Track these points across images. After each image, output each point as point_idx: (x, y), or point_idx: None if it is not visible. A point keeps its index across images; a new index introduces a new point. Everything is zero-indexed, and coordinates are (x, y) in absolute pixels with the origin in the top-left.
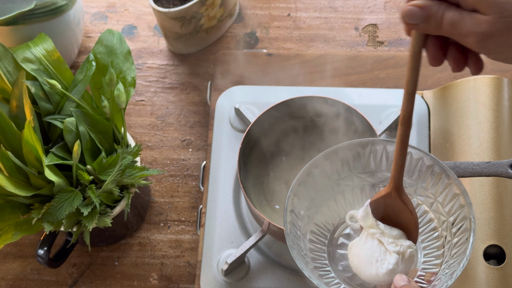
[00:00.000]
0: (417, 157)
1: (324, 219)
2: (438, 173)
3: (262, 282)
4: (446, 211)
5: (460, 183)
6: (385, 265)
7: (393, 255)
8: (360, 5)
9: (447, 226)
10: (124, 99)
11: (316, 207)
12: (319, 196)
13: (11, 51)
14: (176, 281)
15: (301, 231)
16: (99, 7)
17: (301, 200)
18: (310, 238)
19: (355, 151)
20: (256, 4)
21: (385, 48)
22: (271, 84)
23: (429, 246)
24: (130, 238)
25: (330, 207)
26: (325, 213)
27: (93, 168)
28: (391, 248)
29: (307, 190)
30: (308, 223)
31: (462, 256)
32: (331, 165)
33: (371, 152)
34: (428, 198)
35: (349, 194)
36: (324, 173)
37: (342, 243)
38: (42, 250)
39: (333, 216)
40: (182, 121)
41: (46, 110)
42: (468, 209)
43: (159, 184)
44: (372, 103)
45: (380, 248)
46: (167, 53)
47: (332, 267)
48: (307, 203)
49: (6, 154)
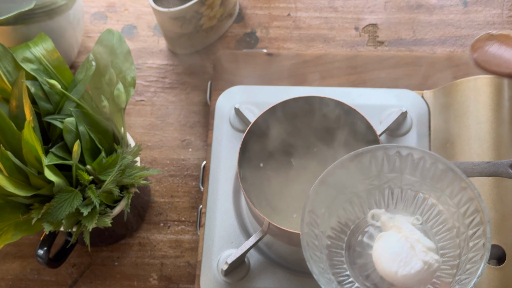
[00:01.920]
0: (419, 157)
1: (346, 216)
2: (441, 169)
3: (262, 282)
4: (455, 203)
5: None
6: (408, 268)
7: (420, 262)
8: (360, 5)
9: (458, 216)
10: (124, 99)
11: (338, 205)
12: (341, 195)
13: (11, 51)
14: (176, 281)
15: (320, 229)
16: (99, 7)
17: (323, 199)
18: (329, 235)
19: (381, 153)
20: (256, 4)
21: (385, 48)
22: (271, 84)
23: (445, 246)
24: (130, 238)
25: (352, 205)
26: (347, 210)
27: (93, 168)
28: (421, 255)
29: (329, 190)
30: (329, 220)
31: (481, 251)
32: (356, 166)
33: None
34: (436, 192)
35: (370, 194)
36: (348, 173)
37: (360, 241)
38: (42, 250)
39: (354, 214)
40: (182, 121)
41: (46, 110)
42: (478, 202)
43: (159, 184)
44: (372, 103)
45: (410, 252)
46: (167, 53)
47: (348, 264)
48: (329, 202)
49: (6, 154)
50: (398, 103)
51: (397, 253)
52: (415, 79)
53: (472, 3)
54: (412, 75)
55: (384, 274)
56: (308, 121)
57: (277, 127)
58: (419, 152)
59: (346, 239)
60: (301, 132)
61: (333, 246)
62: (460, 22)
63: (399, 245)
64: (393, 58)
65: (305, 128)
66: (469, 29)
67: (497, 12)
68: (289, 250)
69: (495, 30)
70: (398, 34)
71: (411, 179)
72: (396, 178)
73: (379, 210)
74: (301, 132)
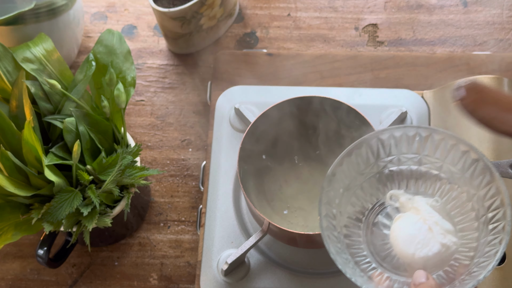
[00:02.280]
0: (439, 138)
1: (364, 196)
2: (462, 151)
3: (262, 282)
4: (475, 185)
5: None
6: (425, 251)
7: (438, 245)
8: (360, 5)
9: (478, 199)
10: (124, 99)
11: (356, 186)
12: (359, 175)
13: (11, 51)
14: (176, 281)
15: (338, 209)
16: (99, 7)
17: (341, 177)
18: (347, 215)
19: (400, 134)
20: (256, 4)
21: (385, 48)
22: (271, 84)
23: (464, 229)
24: (130, 238)
25: (371, 185)
26: (365, 190)
27: (93, 168)
28: (439, 238)
29: (347, 169)
30: (347, 200)
31: (501, 234)
32: (374, 148)
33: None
34: (455, 174)
35: (389, 175)
36: (361, 158)
37: (378, 222)
38: (42, 250)
39: (373, 194)
40: (182, 121)
41: (46, 110)
42: (498, 184)
43: (159, 184)
44: (372, 103)
45: (427, 234)
46: (167, 53)
47: (365, 245)
48: (347, 181)
49: (6, 154)
50: (398, 103)
51: (415, 235)
52: (415, 79)
53: (472, 3)
54: (412, 75)
55: (401, 256)
56: (308, 121)
57: (277, 127)
58: (439, 133)
59: (364, 220)
60: (301, 132)
61: (351, 226)
62: (460, 22)
63: (417, 227)
64: (393, 58)
65: (305, 128)
66: (469, 29)
67: (497, 12)
68: (289, 250)
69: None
70: (398, 34)
71: (430, 160)
72: (415, 159)
73: (398, 191)
74: (301, 132)
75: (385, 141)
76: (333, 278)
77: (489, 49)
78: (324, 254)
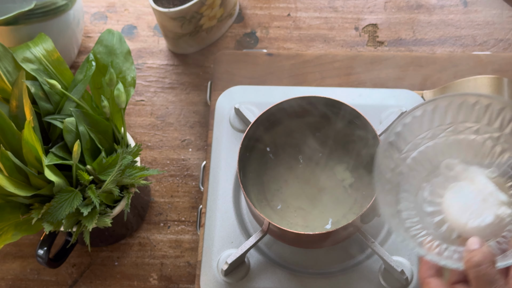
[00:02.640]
0: (499, 108)
1: (419, 162)
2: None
3: (262, 282)
4: None
5: None
6: (478, 221)
7: (491, 216)
8: (360, 5)
9: None
10: (124, 99)
11: (413, 149)
12: (417, 139)
13: (11, 51)
14: (176, 281)
15: (392, 174)
16: (99, 7)
17: (403, 137)
18: (401, 179)
19: (460, 101)
20: (256, 4)
21: (385, 48)
22: (271, 84)
23: None
24: (130, 238)
25: (427, 152)
26: (423, 154)
27: (93, 168)
28: (493, 209)
29: (398, 142)
30: (404, 161)
31: None
32: (434, 113)
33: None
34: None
35: (446, 143)
36: (417, 124)
37: (432, 189)
38: (42, 250)
39: (429, 161)
40: (182, 121)
41: (46, 110)
42: None
43: (159, 184)
44: (372, 103)
45: (482, 204)
46: (167, 53)
47: (417, 211)
48: (407, 143)
49: (6, 154)
50: (398, 103)
51: (469, 204)
52: (415, 79)
53: (472, 3)
54: (412, 75)
55: (453, 225)
56: (307, 121)
57: (277, 127)
58: (499, 103)
59: (417, 186)
60: (301, 132)
61: (404, 192)
62: (460, 22)
63: (471, 196)
64: (393, 58)
65: (305, 128)
66: (469, 29)
67: (497, 12)
68: (289, 250)
69: None
70: (398, 34)
71: (488, 130)
72: (473, 128)
73: (454, 160)
74: (300, 132)
75: (443, 109)
76: (333, 278)
77: (489, 49)
78: (324, 254)
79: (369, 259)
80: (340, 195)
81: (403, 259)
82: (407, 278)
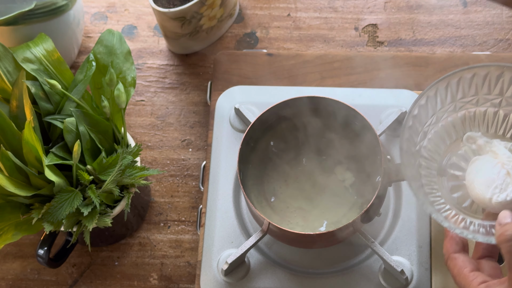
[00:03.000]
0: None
1: (442, 134)
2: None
3: (262, 282)
4: None
5: None
6: (503, 196)
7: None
8: (360, 5)
9: None
10: (124, 99)
11: (436, 123)
12: (439, 112)
13: (11, 51)
14: (176, 281)
15: (416, 148)
16: (99, 7)
17: (424, 113)
18: (425, 155)
19: (484, 73)
20: (256, 4)
21: (385, 48)
22: (271, 84)
23: None
24: (130, 238)
25: (449, 125)
26: (446, 127)
27: (93, 168)
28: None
29: (423, 114)
30: (423, 143)
31: None
32: (456, 85)
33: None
34: None
35: (468, 116)
36: (441, 96)
37: (454, 163)
38: (42, 250)
39: (451, 134)
40: (182, 121)
41: (46, 110)
42: None
43: (159, 184)
44: (372, 103)
45: (506, 179)
46: (167, 53)
47: (440, 185)
48: (424, 122)
49: (6, 154)
50: (398, 103)
51: (493, 179)
52: (415, 79)
53: (472, 3)
54: (412, 75)
55: (477, 199)
56: (307, 121)
57: (277, 127)
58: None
59: (439, 160)
60: (301, 132)
61: (427, 167)
62: (460, 22)
63: (495, 171)
64: (393, 58)
65: (305, 128)
66: (469, 29)
67: (497, 12)
68: (289, 250)
69: None
70: (398, 34)
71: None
72: (496, 101)
73: (476, 134)
74: (300, 132)
75: (467, 80)
76: (333, 278)
77: (489, 49)
78: (324, 254)
79: (369, 259)
80: (340, 195)
81: (403, 259)
82: (407, 278)
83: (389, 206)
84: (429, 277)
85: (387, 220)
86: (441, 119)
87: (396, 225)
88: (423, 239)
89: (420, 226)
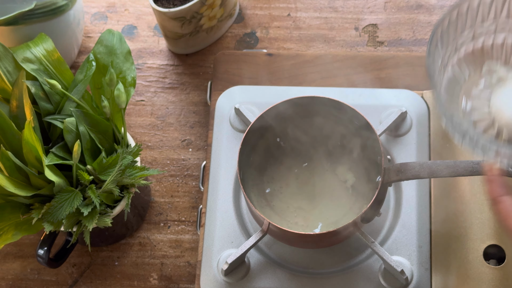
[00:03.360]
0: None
1: (460, 68)
2: None
3: (262, 282)
4: None
5: None
6: None
7: None
8: (360, 5)
9: None
10: (124, 99)
11: (451, 60)
12: (463, 32)
13: (11, 51)
14: (176, 281)
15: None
16: (99, 7)
17: (439, 48)
18: (446, 87)
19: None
20: (256, 4)
21: (385, 48)
22: (271, 84)
23: None
24: (130, 238)
25: (464, 60)
26: (460, 64)
27: (93, 168)
28: None
29: (444, 41)
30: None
31: None
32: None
33: None
34: None
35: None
36: (461, 20)
37: (475, 95)
38: (42, 250)
39: (467, 67)
40: (182, 121)
41: (46, 110)
42: None
43: (159, 184)
44: (372, 103)
45: None
46: (167, 53)
47: (463, 114)
48: (443, 53)
49: (6, 154)
50: (398, 103)
51: None
52: (415, 79)
53: None
54: (412, 75)
55: (509, 126)
56: (308, 121)
57: (277, 127)
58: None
59: (461, 92)
60: (301, 132)
61: (448, 97)
62: None
63: None
64: (393, 58)
65: (305, 128)
66: None
67: None
68: (289, 250)
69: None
70: (398, 34)
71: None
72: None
73: (495, 63)
74: (300, 132)
75: (488, 4)
76: (333, 278)
77: None
78: (324, 254)
79: (369, 259)
80: (340, 195)
81: (403, 259)
82: (407, 278)
83: (389, 206)
84: (429, 277)
85: (387, 220)
86: (461, 49)
87: (396, 225)
88: (423, 239)
89: (420, 226)
